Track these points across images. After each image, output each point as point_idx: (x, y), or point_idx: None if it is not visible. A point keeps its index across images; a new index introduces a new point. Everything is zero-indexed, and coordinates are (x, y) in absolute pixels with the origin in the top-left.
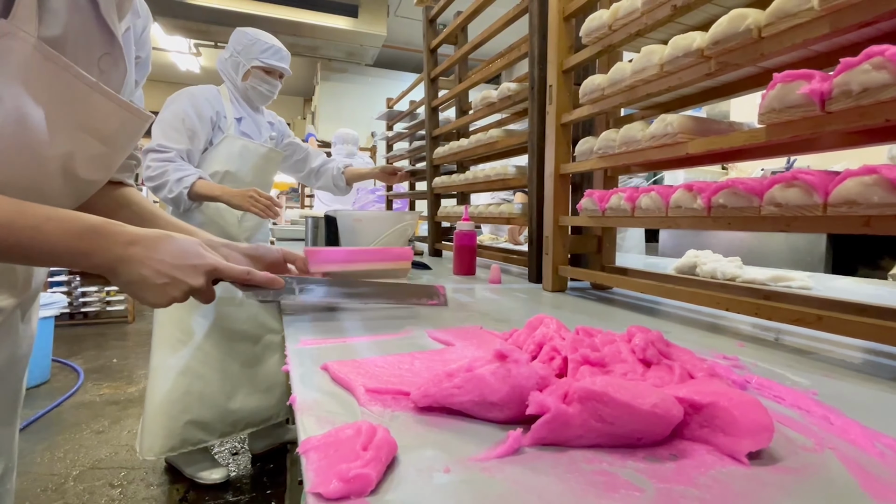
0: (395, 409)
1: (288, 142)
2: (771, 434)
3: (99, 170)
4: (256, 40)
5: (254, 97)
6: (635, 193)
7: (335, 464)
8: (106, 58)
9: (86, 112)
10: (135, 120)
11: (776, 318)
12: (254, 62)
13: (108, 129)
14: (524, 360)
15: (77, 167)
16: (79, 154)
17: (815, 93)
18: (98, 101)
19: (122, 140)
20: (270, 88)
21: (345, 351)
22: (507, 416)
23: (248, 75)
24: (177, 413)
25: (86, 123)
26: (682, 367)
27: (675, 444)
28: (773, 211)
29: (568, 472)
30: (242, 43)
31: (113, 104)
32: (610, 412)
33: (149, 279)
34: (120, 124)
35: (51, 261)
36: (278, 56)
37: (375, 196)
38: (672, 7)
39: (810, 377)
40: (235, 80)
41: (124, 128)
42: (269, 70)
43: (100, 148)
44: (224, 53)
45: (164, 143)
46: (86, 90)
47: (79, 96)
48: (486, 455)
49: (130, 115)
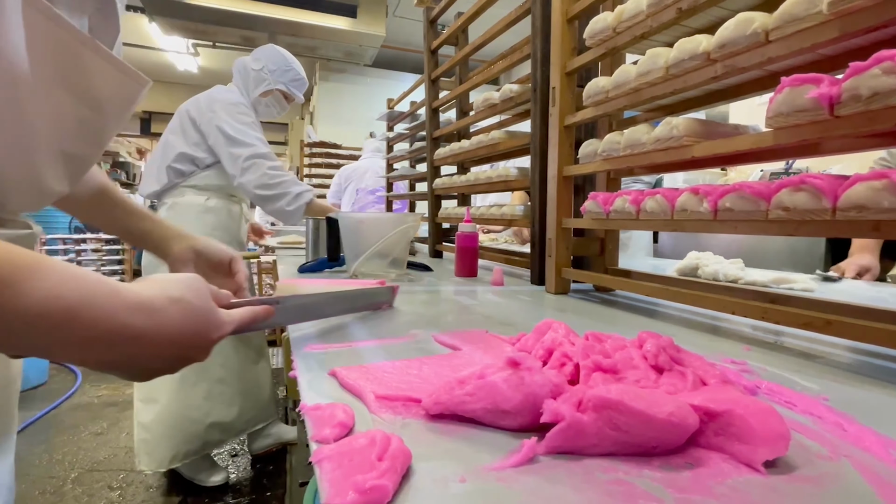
0: (405, 417)
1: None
2: (787, 442)
3: (91, 143)
4: (291, 68)
5: (261, 112)
6: (640, 196)
7: (350, 474)
8: (97, 14)
9: (79, 74)
10: (131, 84)
11: (784, 322)
12: (279, 85)
13: (102, 93)
14: (537, 367)
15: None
16: (68, 122)
17: (824, 97)
18: (91, 61)
19: (117, 107)
20: (280, 111)
21: (352, 355)
22: (519, 423)
23: (269, 94)
24: (200, 417)
25: (77, 86)
26: (694, 374)
27: (690, 452)
28: (780, 215)
29: (584, 481)
30: (277, 64)
31: (108, 64)
32: (625, 420)
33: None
34: (115, 88)
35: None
36: (302, 87)
37: (375, 197)
38: (677, 10)
39: (820, 382)
40: (251, 91)
41: (119, 93)
42: (288, 96)
43: (93, 115)
44: (251, 63)
45: (269, 151)
46: (78, 47)
47: (71, 55)
48: (501, 464)
49: (126, 77)
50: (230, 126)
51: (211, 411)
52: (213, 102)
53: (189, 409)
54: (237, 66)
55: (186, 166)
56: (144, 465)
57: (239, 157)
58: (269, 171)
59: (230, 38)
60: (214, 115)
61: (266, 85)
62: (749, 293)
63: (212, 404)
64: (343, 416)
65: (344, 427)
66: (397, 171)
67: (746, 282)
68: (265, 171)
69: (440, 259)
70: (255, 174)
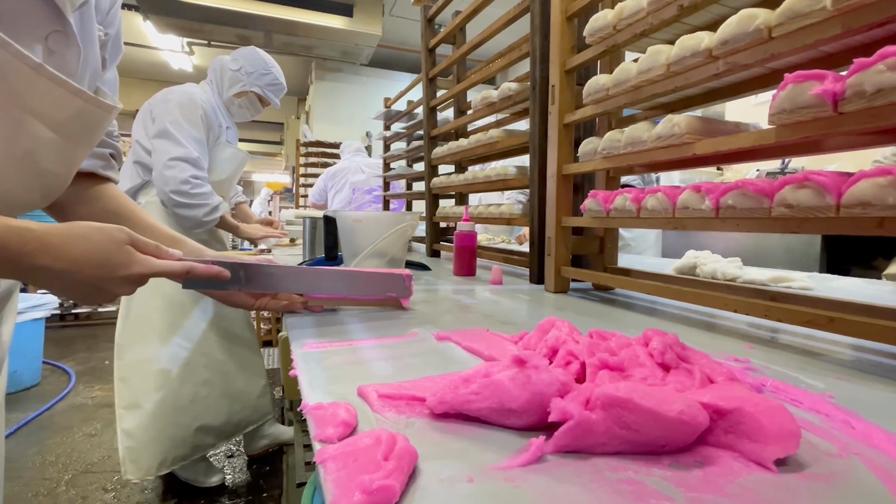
0: (409, 416)
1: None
2: (798, 440)
3: (59, 162)
4: (269, 72)
5: (234, 113)
6: (641, 194)
7: (356, 475)
8: (56, 35)
9: (32, 96)
10: (93, 109)
11: (787, 320)
12: (255, 88)
13: (61, 116)
14: (544, 365)
15: (31, 156)
16: (28, 141)
17: (828, 93)
18: (46, 86)
19: (79, 130)
20: (254, 114)
21: (351, 354)
22: (525, 422)
23: (243, 95)
24: (187, 421)
25: (33, 108)
26: (701, 372)
27: (700, 450)
28: (783, 212)
29: (593, 480)
30: (255, 66)
31: (62, 90)
32: (634, 419)
33: (70, 290)
34: (75, 112)
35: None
36: (279, 93)
37: (372, 196)
38: (678, 7)
39: (824, 380)
40: (224, 90)
41: (81, 117)
42: (262, 99)
43: (52, 137)
44: (229, 63)
45: (200, 157)
46: (29, 72)
47: (22, 79)
48: (508, 464)
49: (86, 104)
50: (172, 121)
51: (198, 415)
52: (169, 94)
53: (175, 413)
54: (214, 65)
55: (149, 160)
56: (131, 473)
57: (165, 154)
58: (191, 180)
59: (225, 36)
60: (166, 105)
61: (241, 86)
62: (750, 291)
63: (198, 407)
64: (346, 416)
65: (347, 426)
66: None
67: (745, 280)
68: (188, 177)
69: (438, 258)
70: (177, 176)
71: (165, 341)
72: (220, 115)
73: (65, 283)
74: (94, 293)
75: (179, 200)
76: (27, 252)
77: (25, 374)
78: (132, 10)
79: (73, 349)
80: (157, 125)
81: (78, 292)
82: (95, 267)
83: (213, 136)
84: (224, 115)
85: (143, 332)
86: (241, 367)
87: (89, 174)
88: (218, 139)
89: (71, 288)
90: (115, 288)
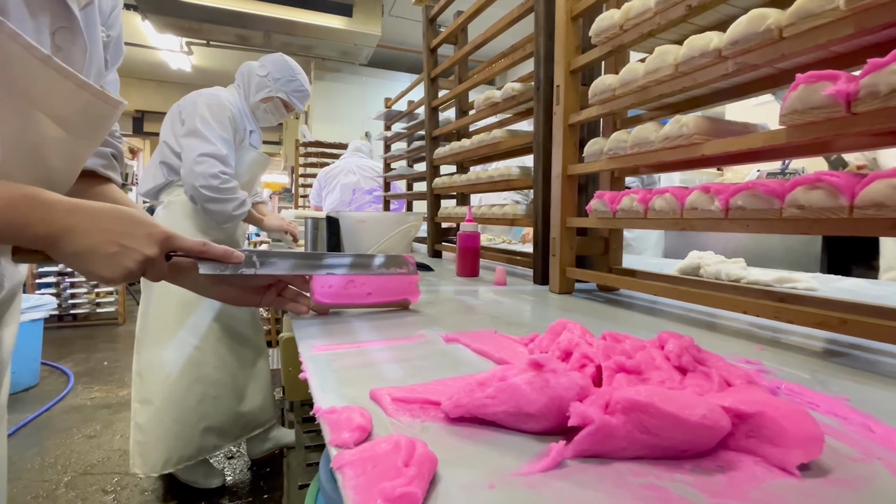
0: (424, 420)
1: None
2: (822, 445)
3: (65, 158)
4: (296, 78)
5: (259, 117)
6: (648, 195)
7: (376, 481)
8: (63, 32)
9: (37, 88)
10: (99, 104)
11: (798, 322)
12: (280, 94)
13: (67, 110)
14: (562, 369)
15: (36, 152)
16: (35, 136)
17: (842, 94)
18: (53, 79)
19: (86, 125)
20: (278, 119)
21: (360, 356)
22: (543, 427)
23: (269, 100)
24: (194, 421)
25: (40, 102)
26: (719, 375)
27: (720, 455)
28: (795, 213)
29: (616, 486)
30: (282, 73)
31: (70, 83)
32: (656, 423)
33: (97, 249)
34: (81, 106)
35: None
36: (304, 99)
37: (372, 196)
38: (686, 7)
39: (837, 382)
40: (251, 95)
41: (87, 111)
42: (287, 104)
43: (59, 131)
44: (257, 69)
45: (228, 155)
46: (35, 63)
47: (28, 70)
48: (528, 469)
49: (94, 97)
50: (202, 120)
51: (205, 415)
52: (199, 96)
53: (183, 412)
54: (242, 70)
55: (176, 161)
56: (138, 468)
57: (194, 150)
58: (220, 175)
59: (224, 36)
60: (195, 106)
61: (268, 91)
62: (758, 292)
63: (206, 408)
64: (361, 420)
65: (363, 431)
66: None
67: (749, 281)
68: (217, 172)
69: (439, 259)
70: (206, 171)
71: (178, 340)
72: (246, 118)
73: (93, 242)
74: (120, 252)
75: (209, 195)
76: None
77: (24, 375)
78: (131, 10)
79: (72, 350)
80: (188, 125)
81: (104, 251)
82: (125, 224)
83: (239, 138)
84: (249, 119)
85: (159, 330)
86: (249, 370)
87: (91, 173)
88: (242, 142)
89: (98, 247)
90: (140, 245)
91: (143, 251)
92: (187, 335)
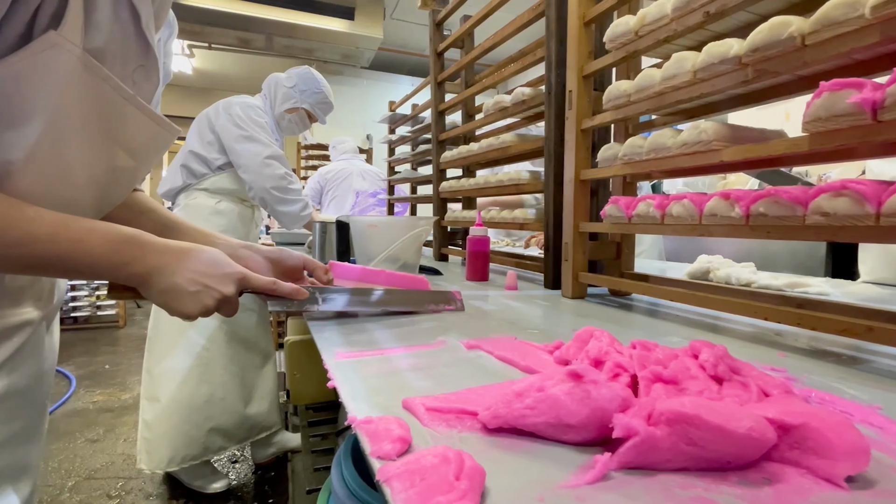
0: (461, 430)
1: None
2: (868, 457)
3: (124, 183)
4: (321, 91)
5: (284, 127)
6: (665, 201)
7: (429, 496)
8: (140, 70)
9: (119, 125)
10: (164, 133)
11: (821, 329)
12: (305, 105)
13: (137, 141)
14: (603, 380)
15: (106, 180)
16: (109, 167)
17: (867, 101)
18: (131, 114)
19: (149, 153)
20: (302, 129)
21: (385, 364)
22: (583, 438)
23: (294, 111)
24: (200, 421)
25: (118, 136)
26: (756, 385)
27: (765, 466)
28: (818, 220)
29: (664, 498)
30: (308, 85)
31: (145, 117)
32: (701, 435)
33: (182, 287)
34: (150, 137)
35: (90, 273)
36: (327, 110)
37: (376, 200)
38: (704, 13)
39: (867, 390)
40: (276, 105)
41: (154, 141)
42: (311, 115)
43: (128, 161)
44: (284, 80)
45: (283, 155)
46: (121, 102)
47: (115, 109)
48: (575, 481)
49: (160, 128)
50: (246, 124)
51: (212, 416)
52: (231, 104)
53: (190, 411)
54: (269, 81)
55: (199, 166)
56: (144, 464)
57: (259, 155)
58: (287, 176)
59: (226, 39)
60: (231, 113)
61: (293, 102)
62: (776, 298)
63: (213, 409)
64: (400, 431)
65: (404, 442)
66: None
67: (760, 285)
68: (283, 173)
69: (446, 263)
70: (275, 173)
71: (188, 341)
72: (272, 128)
73: (180, 280)
74: (202, 291)
75: (280, 196)
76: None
77: None
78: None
79: (73, 353)
80: (241, 131)
81: (188, 290)
82: (207, 265)
83: None
84: (274, 129)
85: (170, 330)
86: (256, 373)
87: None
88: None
89: (184, 286)
90: (219, 284)
91: (222, 290)
92: (197, 336)
